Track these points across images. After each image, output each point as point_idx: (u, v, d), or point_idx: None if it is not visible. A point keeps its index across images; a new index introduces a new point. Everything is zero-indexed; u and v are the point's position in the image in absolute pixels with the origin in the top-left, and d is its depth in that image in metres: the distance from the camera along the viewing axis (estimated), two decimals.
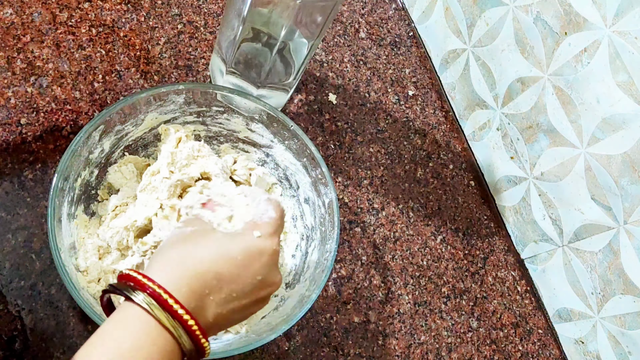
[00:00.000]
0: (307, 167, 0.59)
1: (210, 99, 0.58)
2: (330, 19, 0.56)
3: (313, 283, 0.54)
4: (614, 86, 0.60)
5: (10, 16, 0.63)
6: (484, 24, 0.75)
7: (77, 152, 0.50)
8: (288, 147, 0.60)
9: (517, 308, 0.74)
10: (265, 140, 0.62)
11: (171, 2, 0.72)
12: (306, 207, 0.61)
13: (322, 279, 0.53)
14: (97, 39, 0.66)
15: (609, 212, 0.64)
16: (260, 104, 0.58)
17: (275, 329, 0.50)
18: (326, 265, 0.54)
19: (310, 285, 0.54)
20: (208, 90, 0.57)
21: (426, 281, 0.70)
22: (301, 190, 0.62)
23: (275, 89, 0.65)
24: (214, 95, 0.58)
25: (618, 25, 0.59)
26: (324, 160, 0.58)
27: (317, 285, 0.53)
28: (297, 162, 0.60)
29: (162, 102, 0.56)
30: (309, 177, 0.60)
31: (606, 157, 0.63)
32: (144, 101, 0.54)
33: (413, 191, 0.75)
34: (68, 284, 0.45)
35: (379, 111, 0.78)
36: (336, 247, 0.55)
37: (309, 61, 0.63)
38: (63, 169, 0.49)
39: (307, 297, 0.52)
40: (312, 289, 0.53)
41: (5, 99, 0.59)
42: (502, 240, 0.78)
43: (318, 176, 0.58)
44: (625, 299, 0.64)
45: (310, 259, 0.58)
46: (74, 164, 0.51)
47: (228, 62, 0.62)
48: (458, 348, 0.68)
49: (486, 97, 0.77)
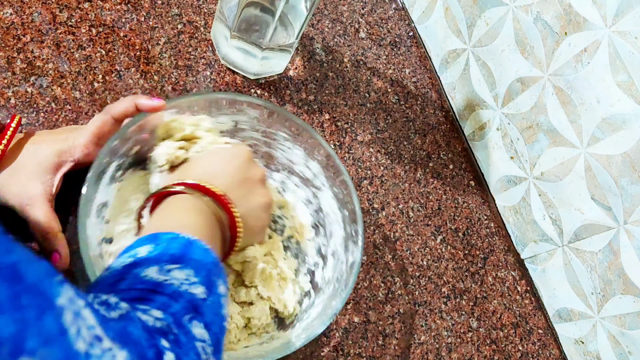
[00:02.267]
0: (345, 221, 0.59)
1: (281, 122, 0.59)
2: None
3: (305, 332, 0.52)
4: (614, 86, 0.60)
5: (10, 16, 0.63)
6: (484, 24, 0.75)
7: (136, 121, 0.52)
8: (335, 196, 0.60)
9: (517, 308, 0.74)
10: (317, 181, 0.61)
11: (171, 2, 0.72)
12: (331, 259, 0.60)
13: (314, 331, 0.51)
14: (97, 39, 0.66)
15: (609, 212, 0.64)
16: (324, 142, 0.59)
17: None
18: (324, 321, 0.52)
19: (301, 334, 0.53)
20: (282, 114, 0.59)
21: (426, 281, 0.70)
22: (333, 241, 0.60)
23: (279, 51, 0.68)
24: (286, 120, 0.59)
25: (618, 25, 0.59)
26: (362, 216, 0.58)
27: (307, 336, 0.51)
28: (339, 212, 0.59)
29: (237, 110, 0.57)
30: (344, 231, 0.59)
31: (606, 157, 0.63)
32: (217, 101, 0.56)
33: (413, 191, 0.75)
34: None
35: (379, 111, 0.78)
36: (340, 308, 0.53)
37: (309, 21, 0.66)
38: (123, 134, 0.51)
39: (292, 345, 0.51)
40: (301, 337, 0.51)
41: (5, 99, 0.59)
42: (502, 240, 0.78)
43: (352, 233, 0.57)
44: (625, 299, 0.64)
45: (313, 310, 0.57)
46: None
47: (232, 27, 0.65)
48: (458, 348, 0.68)
49: (486, 97, 0.77)
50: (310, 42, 0.78)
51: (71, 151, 0.51)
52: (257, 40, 0.67)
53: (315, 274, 0.61)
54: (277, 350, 0.50)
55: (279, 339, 0.54)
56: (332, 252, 0.60)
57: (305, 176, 0.62)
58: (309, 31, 0.79)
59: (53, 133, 0.53)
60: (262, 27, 0.67)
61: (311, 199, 0.62)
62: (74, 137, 0.51)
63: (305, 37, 0.78)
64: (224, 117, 0.58)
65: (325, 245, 0.61)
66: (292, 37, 0.68)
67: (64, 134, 0.52)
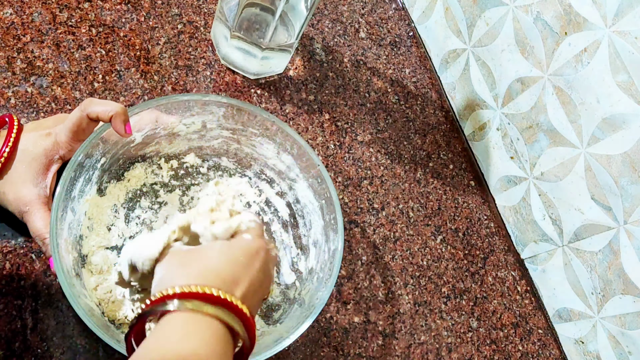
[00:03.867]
0: (324, 210, 0.59)
1: (249, 119, 0.59)
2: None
3: (294, 326, 0.52)
4: (614, 86, 0.60)
5: (10, 16, 0.63)
6: (484, 24, 0.75)
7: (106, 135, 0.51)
8: (310, 186, 0.60)
9: (517, 308, 0.74)
10: (292, 173, 0.62)
11: (171, 2, 0.72)
12: (313, 249, 0.60)
13: (303, 323, 0.51)
14: (97, 39, 0.66)
15: (609, 212, 0.64)
16: (296, 135, 0.58)
17: None
18: (311, 312, 0.52)
19: (291, 327, 0.52)
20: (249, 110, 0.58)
21: (426, 281, 0.70)
22: (313, 231, 0.61)
23: (279, 51, 0.68)
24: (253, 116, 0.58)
25: (618, 25, 0.59)
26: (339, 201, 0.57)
27: (296, 329, 0.51)
28: (316, 202, 0.60)
29: (202, 110, 0.56)
30: (323, 220, 0.59)
31: (606, 157, 0.63)
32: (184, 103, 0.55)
33: (413, 191, 0.75)
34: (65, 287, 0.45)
35: (379, 111, 0.78)
36: (327, 297, 0.53)
37: (309, 21, 0.67)
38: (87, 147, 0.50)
39: (283, 339, 0.50)
40: (291, 331, 0.51)
41: (5, 99, 0.59)
42: (502, 240, 0.78)
43: (331, 221, 0.58)
44: (625, 299, 0.64)
45: (300, 302, 0.57)
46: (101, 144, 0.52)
47: (232, 27, 0.65)
48: (458, 348, 0.68)
49: (486, 97, 0.77)
50: (310, 42, 0.78)
51: (56, 148, 0.51)
52: (257, 40, 0.67)
53: (299, 265, 0.61)
54: (268, 347, 0.50)
55: (269, 335, 0.54)
56: (314, 242, 0.60)
57: (278, 169, 0.63)
58: (309, 31, 0.79)
59: (38, 127, 0.52)
60: (263, 27, 0.67)
61: (287, 192, 0.63)
62: (56, 133, 0.51)
63: (305, 37, 0.78)
64: (192, 118, 0.58)
65: (306, 235, 0.62)
66: (293, 37, 0.68)
67: (46, 128, 0.52)
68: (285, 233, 0.63)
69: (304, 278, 0.60)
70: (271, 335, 0.54)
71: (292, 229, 0.63)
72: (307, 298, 0.56)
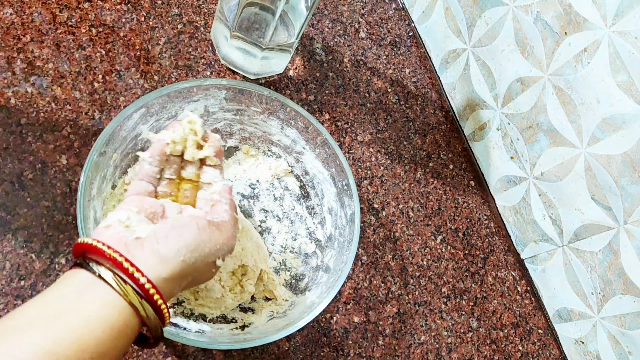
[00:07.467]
0: (335, 178, 0.60)
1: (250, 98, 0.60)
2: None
3: (325, 292, 0.54)
4: (614, 86, 0.60)
5: (10, 16, 0.63)
6: (484, 24, 0.75)
7: (115, 131, 0.52)
8: (318, 156, 0.62)
9: (517, 308, 0.74)
10: (297, 146, 0.63)
11: (171, 2, 0.72)
12: (328, 217, 0.62)
13: (334, 288, 0.53)
14: (97, 39, 0.66)
15: (609, 212, 0.64)
16: (299, 108, 0.60)
17: (279, 332, 0.50)
18: (340, 276, 0.54)
19: (321, 293, 0.55)
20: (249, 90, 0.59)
21: (426, 281, 0.70)
22: (325, 199, 0.63)
23: (279, 50, 0.69)
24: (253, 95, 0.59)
25: (618, 25, 0.59)
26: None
27: (328, 294, 0.53)
28: (326, 171, 0.61)
29: (204, 94, 0.57)
30: (335, 187, 0.61)
31: (606, 157, 0.63)
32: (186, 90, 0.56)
33: (413, 191, 0.75)
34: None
35: (379, 111, 0.78)
36: (352, 259, 0.55)
37: (309, 21, 0.67)
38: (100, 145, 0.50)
39: (316, 305, 0.52)
40: (322, 296, 0.53)
41: (5, 99, 0.59)
42: (502, 240, 0.78)
43: (344, 187, 0.59)
44: (625, 299, 0.64)
45: (325, 268, 0.59)
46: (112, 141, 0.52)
47: (232, 26, 0.65)
48: (458, 348, 0.68)
49: (486, 97, 0.77)
50: (310, 42, 0.78)
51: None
52: (257, 39, 0.67)
53: (316, 234, 0.63)
54: (304, 313, 0.52)
55: (300, 304, 0.56)
56: (328, 209, 0.62)
57: (284, 144, 0.64)
58: (309, 31, 0.79)
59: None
60: (263, 27, 0.67)
61: (294, 165, 0.65)
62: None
63: (305, 37, 0.78)
64: (194, 104, 0.59)
65: (319, 204, 0.64)
66: (293, 37, 0.68)
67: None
68: (298, 205, 0.64)
69: (324, 245, 0.61)
70: (302, 304, 0.56)
71: (305, 200, 0.64)
72: (332, 263, 0.58)
